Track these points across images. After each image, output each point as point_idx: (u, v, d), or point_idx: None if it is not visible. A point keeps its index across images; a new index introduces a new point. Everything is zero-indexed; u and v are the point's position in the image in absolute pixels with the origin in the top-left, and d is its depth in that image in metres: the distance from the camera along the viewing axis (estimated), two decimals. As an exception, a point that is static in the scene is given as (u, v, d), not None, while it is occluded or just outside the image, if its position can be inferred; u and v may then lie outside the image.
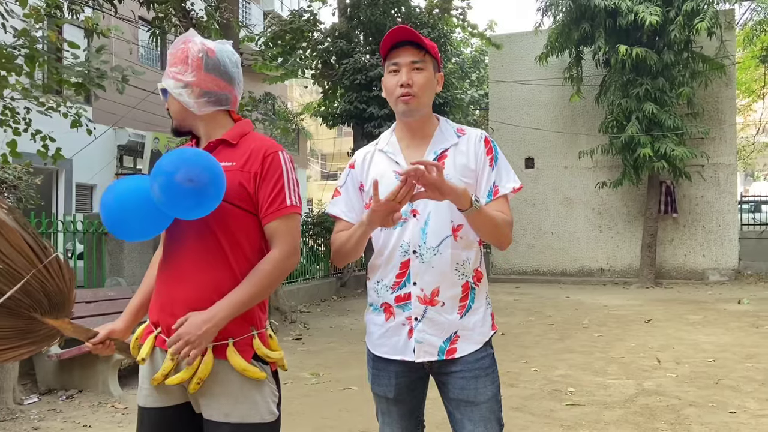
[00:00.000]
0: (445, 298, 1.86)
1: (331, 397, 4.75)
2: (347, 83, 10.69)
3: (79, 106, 5.73)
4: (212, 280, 1.71)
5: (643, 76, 11.22)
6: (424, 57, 1.88)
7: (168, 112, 1.87)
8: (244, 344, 1.72)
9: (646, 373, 5.33)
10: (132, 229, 1.71)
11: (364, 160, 2.00)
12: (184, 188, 1.60)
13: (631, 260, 13.33)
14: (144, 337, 1.79)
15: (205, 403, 1.71)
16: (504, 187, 1.92)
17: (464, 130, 1.98)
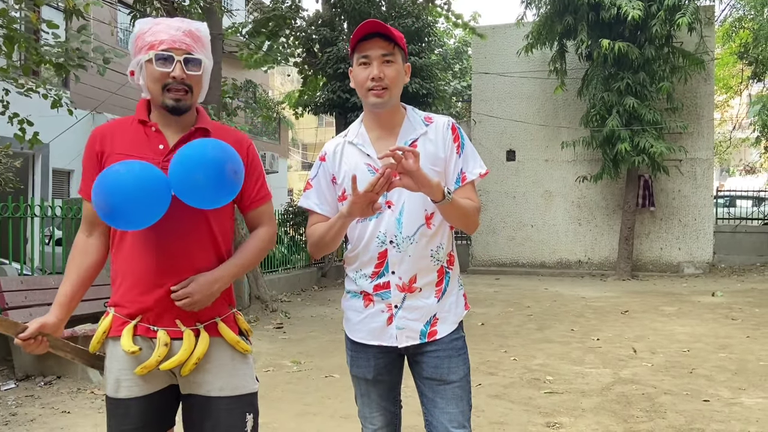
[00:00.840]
0: (422, 284, 1.93)
1: (313, 384, 4.77)
2: (330, 72, 10.65)
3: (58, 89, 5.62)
4: (205, 265, 1.77)
5: (624, 71, 11.33)
6: (394, 49, 1.89)
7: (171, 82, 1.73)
8: (229, 321, 1.82)
9: (622, 363, 5.43)
10: (134, 217, 1.65)
11: (335, 152, 2.00)
12: (230, 180, 1.67)
13: (609, 253, 13.51)
14: (118, 330, 1.75)
15: (198, 380, 1.75)
16: (471, 173, 1.97)
17: (431, 118, 2.00)
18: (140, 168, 1.65)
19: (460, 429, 1.94)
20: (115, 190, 1.61)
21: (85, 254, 1.81)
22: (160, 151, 1.76)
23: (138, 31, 1.78)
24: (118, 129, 1.81)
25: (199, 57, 1.75)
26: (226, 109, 8.63)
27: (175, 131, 1.79)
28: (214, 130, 1.83)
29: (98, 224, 1.81)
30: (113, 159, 1.74)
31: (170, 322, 1.75)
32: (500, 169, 14.36)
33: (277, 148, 22.64)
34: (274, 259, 10.60)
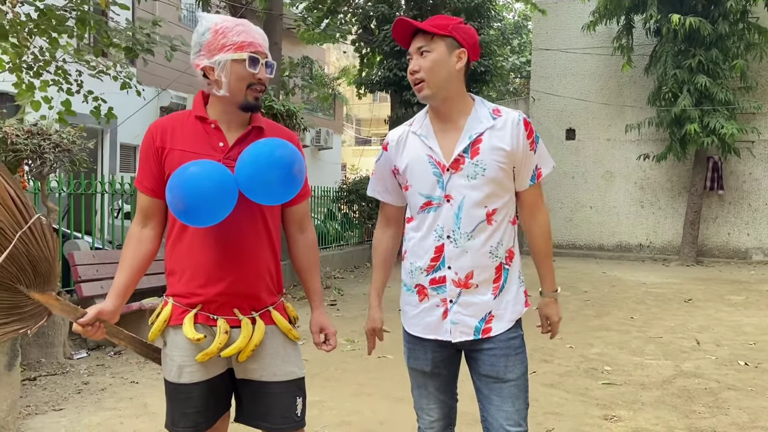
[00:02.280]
0: (478, 281, 1.90)
1: (367, 364, 4.83)
2: (387, 50, 10.56)
3: (127, 70, 5.82)
4: (261, 259, 1.87)
5: (696, 47, 10.78)
6: (431, 40, 1.87)
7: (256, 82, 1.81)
8: (279, 309, 1.93)
9: (684, 355, 5.26)
10: (208, 215, 1.71)
11: (398, 142, 2.00)
12: (297, 178, 1.76)
13: (672, 237, 13.05)
14: (179, 318, 1.82)
15: (253, 366, 1.85)
16: (545, 168, 1.99)
17: (500, 111, 1.95)
18: (214, 169, 1.71)
19: (516, 427, 1.93)
20: (192, 191, 1.66)
21: (139, 244, 1.86)
22: (220, 148, 1.82)
23: (217, 26, 1.79)
24: (178, 124, 1.86)
25: (273, 62, 1.88)
26: (284, 88, 8.72)
27: (232, 129, 1.85)
28: (267, 128, 1.90)
29: (152, 216, 1.87)
30: (174, 154, 1.81)
31: (229, 312, 1.83)
32: (559, 149, 14.01)
33: (331, 124, 22.79)
34: (327, 235, 10.74)
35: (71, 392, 3.95)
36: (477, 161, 1.88)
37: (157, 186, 1.83)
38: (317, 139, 19.78)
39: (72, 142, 3.81)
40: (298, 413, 1.91)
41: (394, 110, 11.11)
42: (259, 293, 1.87)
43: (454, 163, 1.89)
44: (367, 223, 11.93)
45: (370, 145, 33.53)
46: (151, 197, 1.85)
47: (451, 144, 1.90)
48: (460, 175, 1.88)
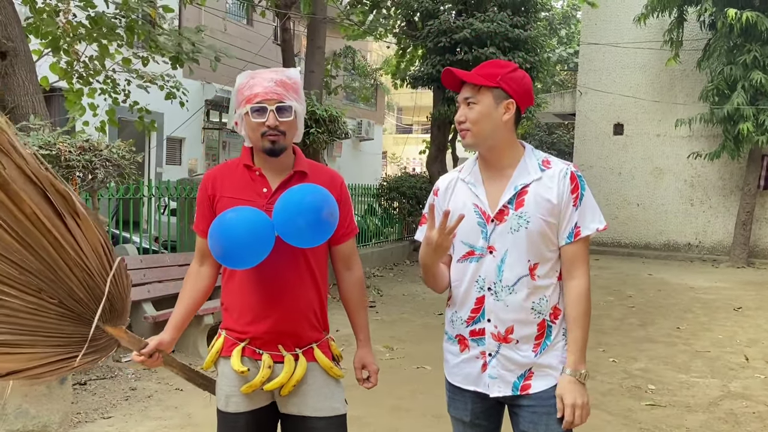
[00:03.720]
0: (519, 336, 1.86)
1: (405, 375, 4.85)
2: (430, 45, 10.45)
3: (173, 78, 5.94)
4: (305, 298, 1.96)
5: (751, 42, 10.33)
6: (479, 91, 1.85)
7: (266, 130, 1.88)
8: (324, 347, 2.00)
9: (732, 372, 5.11)
10: (244, 259, 1.83)
11: (447, 188, 2.00)
12: (327, 222, 1.84)
13: (723, 237, 12.63)
14: (228, 350, 1.95)
15: (295, 401, 1.93)
16: (586, 227, 1.86)
17: (550, 162, 1.90)
18: (249, 215, 1.81)
19: None
20: (228, 236, 1.79)
21: (197, 281, 2.02)
22: (264, 194, 1.94)
23: (238, 85, 1.93)
24: (227, 173, 2.00)
25: (290, 104, 1.90)
26: (327, 88, 8.75)
27: (276, 174, 1.96)
28: (310, 171, 1.99)
29: (208, 256, 2.00)
30: (223, 201, 1.95)
31: (274, 347, 1.93)
32: (606, 144, 13.69)
33: (373, 115, 22.77)
34: (367, 232, 10.77)
35: (119, 399, 4.09)
36: (521, 213, 1.84)
37: None
38: (358, 130, 19.80)
39: (122, 156, 3.91)
40: None
41: (437, 107, 11.01)
42: (302, 331, 1.95)
43: (498, 213, 1.86)
44: (407, 219, 11.92)
45: (410, 133, 33.42)
46: (206, 240, 1.96)
47: (498, 194, 1.88)
48: (504, 226, 1.85)
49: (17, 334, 1.58)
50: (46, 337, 1.63)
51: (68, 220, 1.59)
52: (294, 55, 7.82)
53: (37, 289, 1.58)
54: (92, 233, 1.65)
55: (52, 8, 4.96)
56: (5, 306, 1.54)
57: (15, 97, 4.48)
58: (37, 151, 3.66)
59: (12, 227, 1.53)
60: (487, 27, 9.81)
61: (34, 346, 1.62)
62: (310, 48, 7.54)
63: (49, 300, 1.61)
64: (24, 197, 1.50)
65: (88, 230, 1.64)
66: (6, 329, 1.56)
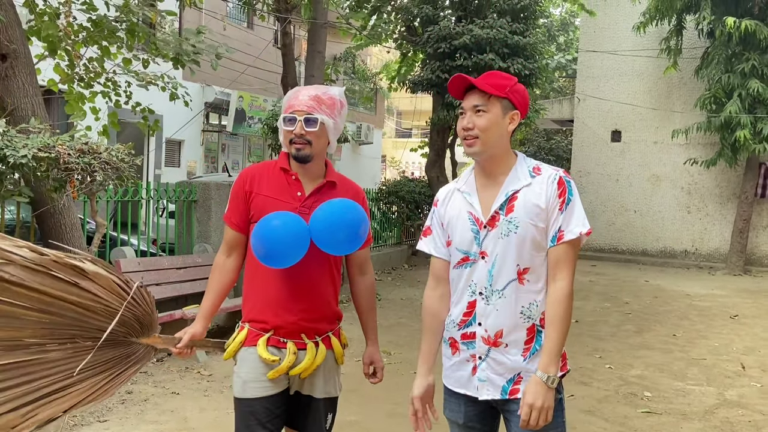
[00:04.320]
0: (508, 340, 1.89)
1: (402, 381, 4.84)
2: (430, 51, 10.48)
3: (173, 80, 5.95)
4: (325, 294, 2.19)
5: (750, 51, 10.38)
6: (489, 100, 1.91)
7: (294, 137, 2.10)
8: (337, 335, 2.24)
9: (728, 381, 5.12)
10: (284, 260, 2.05)
11: (445, 198, 2.07)
12: (361, 237, 2.11)
13: (720, 244, 12.66)
14: (253, 340, 2.14)
15: (310, 384, 2.17)
16: (570, 231, 1.88)
17: (540, 169, 1.96)
18: (293, 223, 2.04)
19: None
20: (273, 240, 2.01)
21: (223, 273, 2.21)
22: (298, 197, 2.16)
23: (285, 98, 2.20)
24: (265, 172, 2.21)
25: (317, 117, 2.09)
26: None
27: (310, 180, 2.18)
28: (339, 183, 2.23)
29: (236, 247, 2.22)
30: (259, 199, 2.16)
31: (297, 336, 2.14)
32: (603, 150, 13.73)
33: (372, 119, 22.82)
34: (366, 236, 10.76)
35: (115, 402, 4.09)
36: (510, 218, 1.89)
37: (243, 223, 2.18)
38: (358, 134, 19.82)
39: (121, 159, 3.92)
40: (328, 426, 2.25)
41: (436, 112, 11.04)
42: (322, 322, 2.18)
43: (490, 219, 1.92)
44: (406, 224, 11.94)
45: (410, 137, 33.48)
46: (237, 232, 2.20)
47: (490, 201, 1.94)
48: (495, 232, 1.91)
49: (68, 378, 1.82)
50: (92, 369, 1.86)
51: (79, 281, 1.82)
52: (294, 59, 7.83)
53: (71, 336, 1.82)
54: (104, 279, 1.86)
55: (54, 11, 4.97)
56: (49, 360, 1.79)
57: (15, 99, 4.48)
58: (36, 153, 3.69)
59: (34, 306, 1.77)
60: (486, 33, 9.85)
61: (85, 380, 1.85)
62: (311, 52, 7.57)
63: (84, 341, 1.84)
64: (36, 285, 1.74)
65: (99, 279, 1.85)
66: (57, 377, 1.80)
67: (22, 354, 1.75)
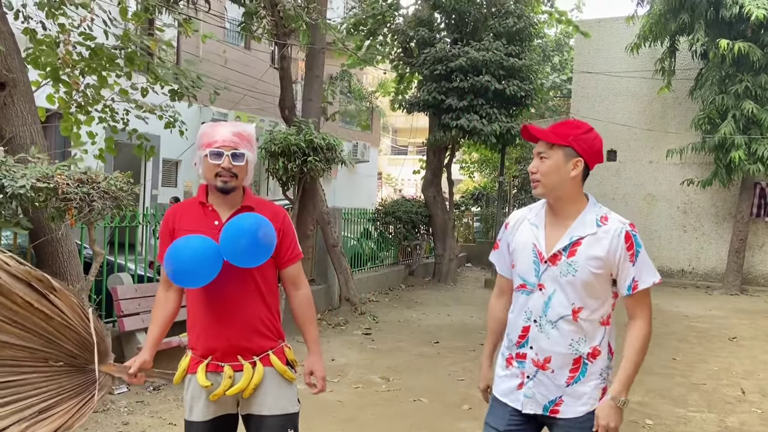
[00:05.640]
0: (555, 366, 2.08)
1: (402, 409, 4.81)
2: (427, 73, 10.55)
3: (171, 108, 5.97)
4: (256, 312, 2.25)
5: (743, 72, 10.49)
6: (551, 147, 2.08)
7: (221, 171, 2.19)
8: (279, 353, 2.29)
9: (729, 407, 5.09)
10: (196, 277, 2.13)
11: (515, 224, 2.25)
12: (264, 242, 2.14)
13: (716, 263, 12.68)
14: (193, 368, 2.24)
15: (254, 402, 2.23)
16: (644, 282, 2.05)
17: (608, 219, 2.08)
18: (196, 241, 2.13)
19: None
20: (177, 258, 2.10)
21: (164, 305, 2.32)
22: (216, 226, 2.24)
23: (201, 132, 2.27)
24: (185, 209, 2.32)
25: (243, 152, 2.22)
26: (324, 115, 8.80)
27: (226, 209, 2.27)
28: (257, 207, 2.30)
29: (171, 283, 2.30)
30: (181, 233, 2.23)
31: (234, 359, 2.22)
32: (599, 170, 13.75)
33: (368, 137, 22.87)
34: (362, 256, 10.75)
35: (112, 433, 4.04)
36: (572, 261, 2.05)
37: None
38: (354, 152, 19.86)
39: (120, 188, 3.91)
40: None
41: (432, 133, 11.09)
42: (255, 341, 2.24)
43: (552, 257, 2.08)
44: (402, 244, 11.92)
45: (405, 154, 33.55)
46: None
47: (555, 239, 2.10)
48: (554, 269, 2.07)
49: (47, 399, 1.87)
50: (66, 394, 1.92)
51: (50, 296, 1.88)
52: (292, 81, 7.87)
53: (44, 359, 1.86)
54: (67, 298, 1.91)
55: (52, 39, 4.99)
56: (28, 382, 1.83)
57: (13, 127, 4.48)
58: (35, 183, 3.67)
59: (12, 319, 1.82)
60: (482, 56, 9.93)
61: (61, 404, 1.89)
62: (309, 77, 7.61)
63: (56, 364, 1.88)
64: (16, 291, 1.79)
65: (64, 297, 1.90)
66: (38, 399, 1.85)
67: (6, 373, 1.81)
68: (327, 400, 4.52)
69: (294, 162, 6.76)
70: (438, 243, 11.92)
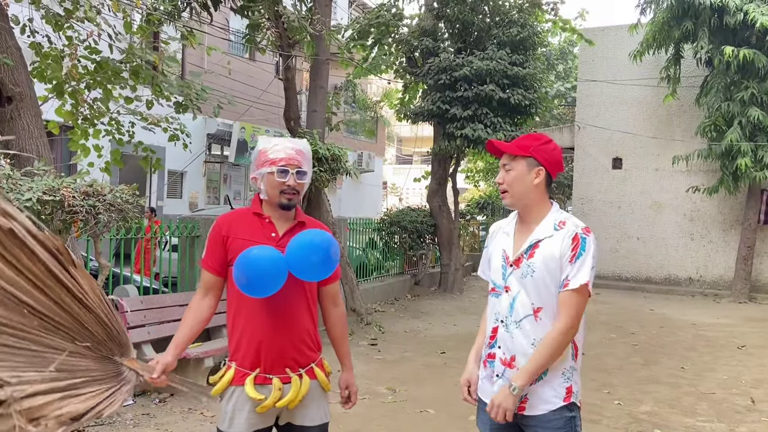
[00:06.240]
0: (520, 365, 2.16)
1: (408, 420, 4.78)
2: (431, 83, 10.57)
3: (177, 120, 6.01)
4: (304, 324, 2.31)
5: (749, 79, 10.46)
6: (514, 158, 2.24)
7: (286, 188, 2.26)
8: (320, 365, 2.35)
9: (738, 416, 5.04)
10: (266, 288, 2.17)
11: (493, 233, 2.42)
12: (333, 259, 2.23)
13: (724, 271, 12.60)
14: (240, 380, 2.23)
15: (301, 414, 2.28)
16: (572, 282, 2.13)
17: (565, 223, 2.20)
18: (271, 252, 2.17)
19: None
20: (254, 268, 2.13)
21: (198, 311, 2.32)
22: (273, 238, 2.29)
23: (260, 148, 2.31)
24: (240, 218, 2.35)
25: (306, 170, 2.30)
26: (328, 125, 8.82)
27: (282, 223, 2.34)
28: (308, 223, 2.38)
29: (211, 289, 2.34)
30: (236, 242, 2.26)
31: (282, 371, 2.25)
32: (605, 178, 13.76)
33: (373, 147, 22.91)
34: (368, 266, 10.73)
35: (118, 446, 4.02)
36: (530, 263, 2.18)
37: (220, 266, 2.30)
38: (359, 162, 19.88)
39: (125, 201, 3.92)
40: None
41: (437, 142, 11.09)
42: (303, 354, 2.29)
43: (516, 260, 2.22)
44: (408, 253, 11.90)
45: (410, 164, 33.60)
46: (214, 275, 2.31)
47: (521, 244, 2.24)
48: (518, 271, 2.20)
49: (76, 377, 1.77)
50: (94, 377, 1.83)
51: (71, 269, 1.76)
52: (297, 92, 7.91)
53: (70, 337, 1.77)
54: (88, 278, 1.81)
55: (58, 53, 5.03)
56: (58, 354, 1.72)
57: (20, 140, 4.51)
58: (41, 196, 3.69)
59: (38, 286, 1.68)
60: (486, 65, 9.94)
61: (90, 385, 1.80)
62: (313, 88, 7.63)
63: (83, 344, 1.79)
64: (40, 256, 1.66)
65: (84, 275, 1.79)
66: (67, 375, 1.75)
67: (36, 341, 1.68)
68: (333, 411, 4.49)
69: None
70: (444, 252, 11.89)
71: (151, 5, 5.83)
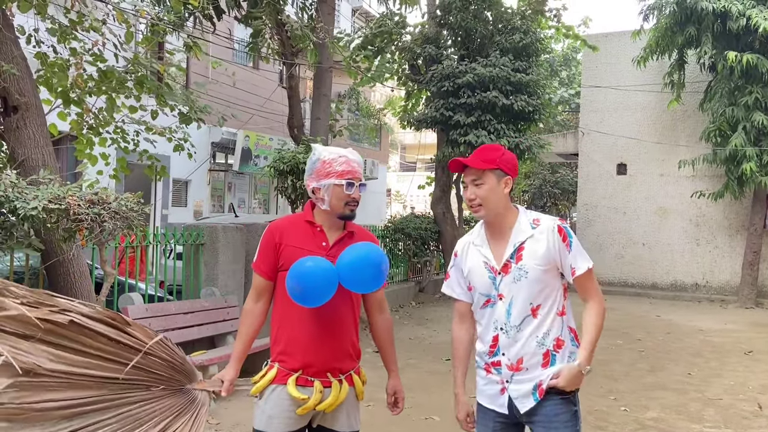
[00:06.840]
0: (528, 365, 2.25)
1: (414, 427, 4.76)
2: (434, 90, 10.60)
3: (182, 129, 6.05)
4: (348, 334, 2.38)
5: (753, 84, 10.44)
6: (483, 173, 2.28)
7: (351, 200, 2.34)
8: (358, 373, 2.43)
9: (746, 422, 5.00)
10: (318, 298, 2.23)
11: (463, 250, 2.44)
12: (384, 273, 2.30)
13: (730, 277, 12.54)
14: (282, 379, 2.31)
15: (333, 418, 2.35)
16: (579, 268, 2.26)
17: (539, 220, 2.31)
18: (325, 265, 2.23)
19: None
20: (308, 280, 2.19)
21: (253, 318, 2.40)
22: (324, 247, 2.36)
23: (323, 158, 2.36)
24: (292, 225, 2.43)
25: (365, 183, 2.40)
26: (331, 131, 8.85)
27: (333, 231, 2.40)
28: (357, 232, 2.46)
29: (264, 293, 2.41)
30: (288, 249, 2.35)
31: (323, 375, 2.32)
32: (609, 184, 13.73)
33: (377, 155, 22.95)
34: (373, 273, 10.69)
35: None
36: (521, 266, 2.26)
37: (272, 271, 2.37)
38: (363, 170, 19.87)
39: (130, 209, 3.94)
40: None
41: (441, 149, 11.11)
42: (346, 361, 2.37)
43: (503, 267, 2.28)
44: (412, 260, 11.89)
45: (414, 171, 33.63)
46: (266, 279, 2.39)
47: (501, 251, 2.31)
48: (509, 277, 2.27)
49: (163, 420, 1.99)
50: (177, 412, 2.02)
51: (128, 329, 1.97)
52: (300, 100, 7.94)
53: (146, 387, 1.99)
54: (142, 329, 2.00)
55: (63, 62, 5.08)
56: (143, 408, 1.96)
57: (25, 149, 4.54)
58: (47, 205, 3.71)
59: (108, 358, 1.92)
60: (489, 72, 9.97)
61: (177, 421, 1.99)
62: (317, 96, 7.67)
63: (157, 388, 2.00)
64: (99, 330, 1.89)
65: (139, 329, 1.99)
66: (156, 421, 1.96)
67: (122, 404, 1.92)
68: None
69: (302, 180, 6.77)
70: (448, 259, 11.87)
71: (156, 16, 5.90)
